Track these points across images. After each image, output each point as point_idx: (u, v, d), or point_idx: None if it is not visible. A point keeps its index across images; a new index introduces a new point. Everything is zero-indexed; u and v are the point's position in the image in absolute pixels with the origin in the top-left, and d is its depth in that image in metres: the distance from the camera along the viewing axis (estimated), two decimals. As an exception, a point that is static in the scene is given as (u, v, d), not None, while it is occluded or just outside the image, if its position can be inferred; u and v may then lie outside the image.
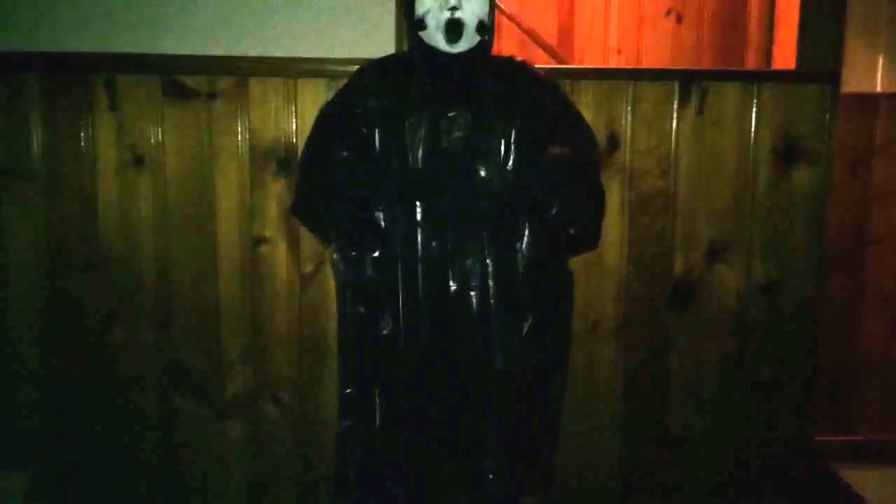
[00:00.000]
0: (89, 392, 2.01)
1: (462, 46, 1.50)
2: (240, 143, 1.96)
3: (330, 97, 1.73)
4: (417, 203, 1.55)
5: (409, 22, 1.54)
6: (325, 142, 1.62)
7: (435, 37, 1.49)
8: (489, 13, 1.53)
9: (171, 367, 2.02)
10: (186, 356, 2.02)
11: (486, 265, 1.55)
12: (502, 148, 1.55)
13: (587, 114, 1.82)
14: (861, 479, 2.30)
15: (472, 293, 1.56)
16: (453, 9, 1.46)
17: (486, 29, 1.52)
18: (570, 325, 1.71)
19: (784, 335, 2.11)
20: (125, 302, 1.99)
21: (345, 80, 1.82)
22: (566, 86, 1.93)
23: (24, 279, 1.97)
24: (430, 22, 1.49)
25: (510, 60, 1.65)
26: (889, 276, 2.44)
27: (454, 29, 1.47)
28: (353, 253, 1.60)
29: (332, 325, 1.84)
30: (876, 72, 2.46)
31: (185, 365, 2.02)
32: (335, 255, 1.62)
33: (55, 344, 2.00)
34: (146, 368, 2.02)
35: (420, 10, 1.50)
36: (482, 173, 1.54)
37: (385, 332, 1.58)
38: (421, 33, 1.51)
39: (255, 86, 1.94)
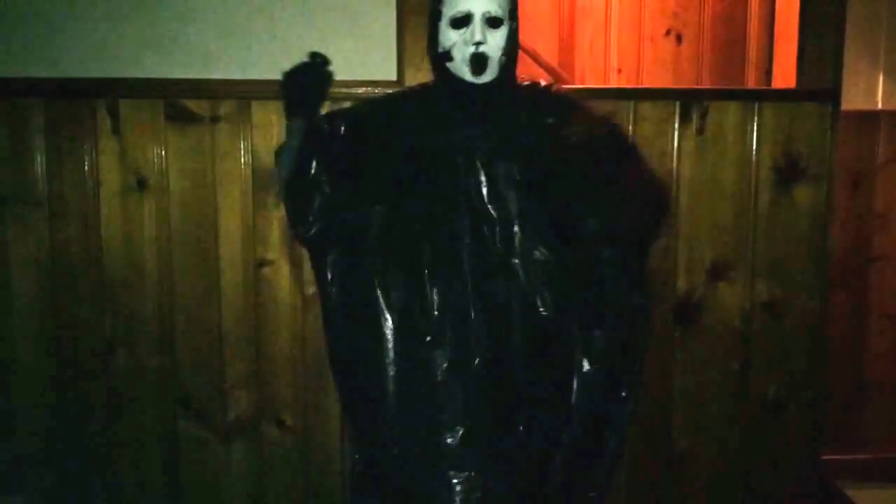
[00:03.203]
0: (92, 415, 2.01)
1: (487, 77, 1.57)
2: (242, 167, 1.97)
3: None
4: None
5: (434, 53, 1.61)
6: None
7: (461, 69, 1.56)
8: (509, 44, 1.59)
9: (173, 390, 2.02)
10: (189, 379, 2.02)
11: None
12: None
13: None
14: (868, 497, 2.28)
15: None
16: (478, 43, 1.53)
17: (508, 59, 1.59)
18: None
19: (789, 354, 2.10)
20: (128, 325, 1.99)
21: (346, 102, 1.84)
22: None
23: (27, 303, 1.97)
24: (456, 55, 1.56)
25: (545, 91, 1.70)
26: (893, 293, 2.43)
27: (479, 63, 1.54)
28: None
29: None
30: (876, 89, 2.46)
31: (187, 387, 2.02)
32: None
33: (58, 368, 1.99)
34: (149, 391, 2.01)
35: (446, 43, 1.56)
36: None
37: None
38: (448, 65, 1.58)
39: (258, 109, 1.95)
